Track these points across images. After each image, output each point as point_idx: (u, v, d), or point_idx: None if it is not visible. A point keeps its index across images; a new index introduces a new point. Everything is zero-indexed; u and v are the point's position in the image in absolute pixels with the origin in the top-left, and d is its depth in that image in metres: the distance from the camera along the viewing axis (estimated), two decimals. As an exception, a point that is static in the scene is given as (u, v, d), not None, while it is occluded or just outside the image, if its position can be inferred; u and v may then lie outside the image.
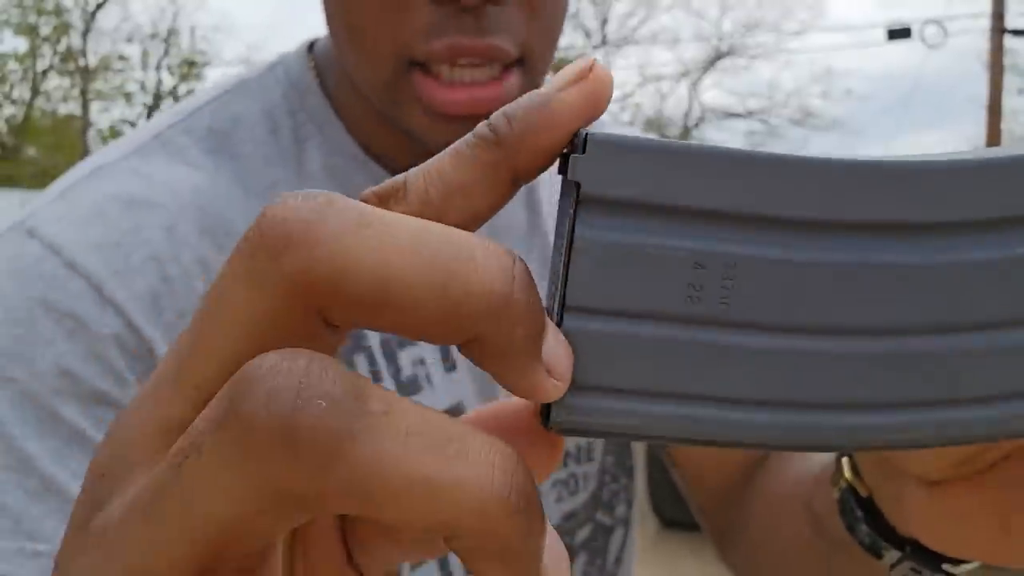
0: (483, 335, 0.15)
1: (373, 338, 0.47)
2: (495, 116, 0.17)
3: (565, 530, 0.58)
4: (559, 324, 0.16)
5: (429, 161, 0.17)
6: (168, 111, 0.48)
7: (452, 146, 0.17)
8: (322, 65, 0.49)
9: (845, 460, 0.34)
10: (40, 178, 13.74)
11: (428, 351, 0.49)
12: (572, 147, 0.16)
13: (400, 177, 0.17)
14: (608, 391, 0.16)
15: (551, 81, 0.17)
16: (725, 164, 0.16)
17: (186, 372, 0.15)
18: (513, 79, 0.42)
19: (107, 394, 0.38)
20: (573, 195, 0.16)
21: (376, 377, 0.47)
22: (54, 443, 0.37)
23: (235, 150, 0.46)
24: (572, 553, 0.58)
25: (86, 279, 0.39)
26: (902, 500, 0.30)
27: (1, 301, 0.39)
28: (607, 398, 0.16)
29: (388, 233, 0.14)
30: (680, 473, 0.62)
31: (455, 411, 0.50)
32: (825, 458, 0.41)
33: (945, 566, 0.32)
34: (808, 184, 0.16)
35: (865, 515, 0.33)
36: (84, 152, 14.73)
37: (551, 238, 0.52)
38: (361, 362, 0.46)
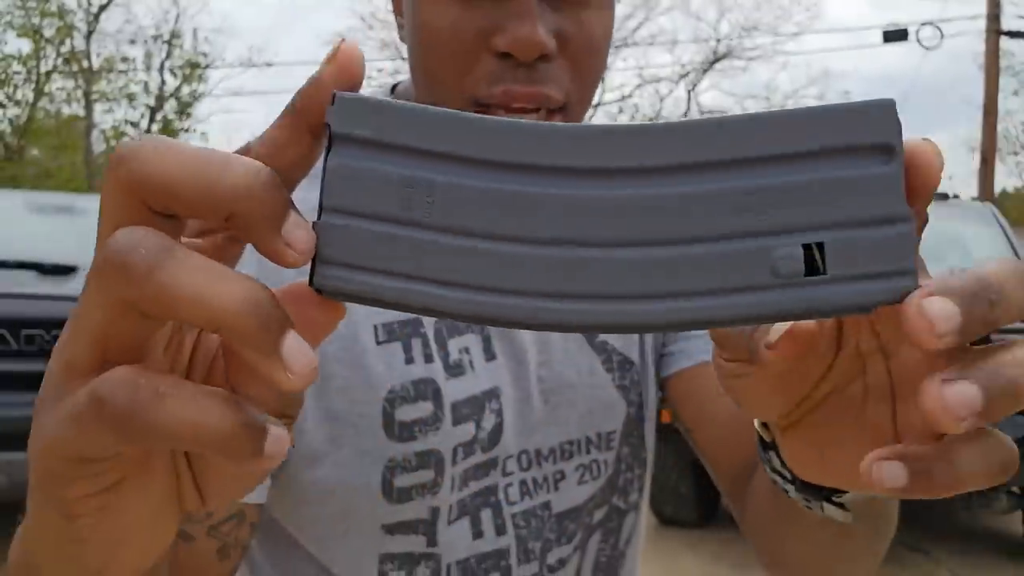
0: (234, 212, 0.23)
1: (428, 327, 0.57)
2: (295, 94, 0.26)
3: (586, 510, 0.64)
4: (319, 219, 0.24)
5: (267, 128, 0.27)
6: None
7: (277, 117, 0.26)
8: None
9: None
10: (43, 179, 13.76)
11: (472, 342, 0.58)
12: (331, 103, 0.25)
13: (247, 143, 0.27)
14: (352, 267, 0.24)
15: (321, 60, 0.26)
16: (434, 119, 0.24)
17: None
18: (553, 120, 0.51)
19: None
20: (328, 134, 0.25)
21: (428, 358, 0.57)
22: None
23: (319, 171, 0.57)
24: (590, 532, 0.65)
25: None
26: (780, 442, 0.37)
27: None
28: (351, 272, 0.24)
29: (177, 152, 0.24)
30: (704, 461, 0.66)
31: (492, 394, 0.59)
32: None
33: (834, 498, 0.39)
34: (497, 137, 0.24)
35: (771, 459, 0.40)
36: (87, 153, 14.76)
37: None
38: (417, 345, 0.56)
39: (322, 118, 0.25)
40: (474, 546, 0.60)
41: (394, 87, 0.63)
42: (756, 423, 0.39)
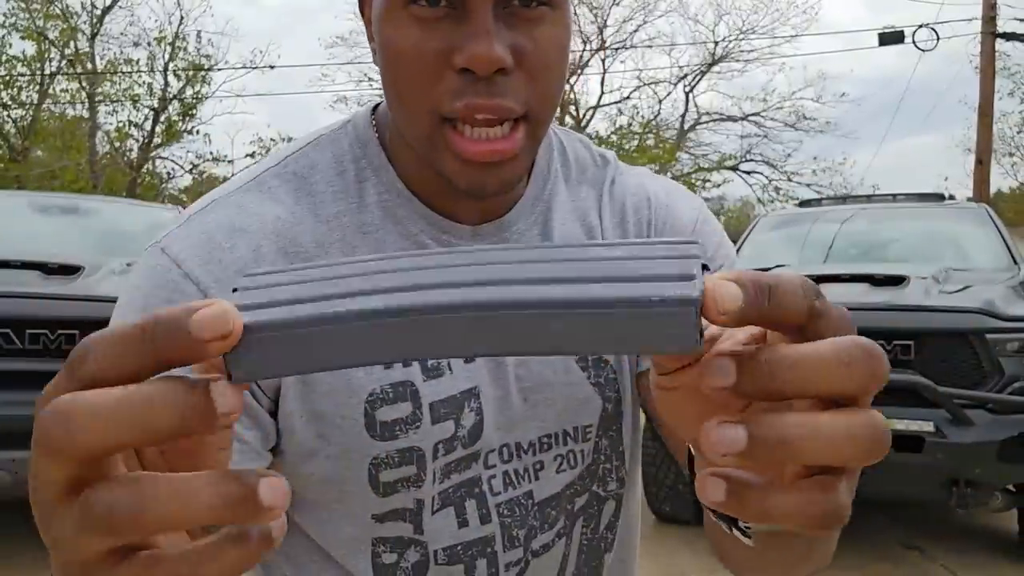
0: (175, 435, 0.26)
1: None
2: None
3: (567, 497, 0.69)
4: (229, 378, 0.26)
5: None
6: (268, 157, 0.66)
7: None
8: (381, 124, 0.65)
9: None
10: (48, 180, 13.81)
11: None
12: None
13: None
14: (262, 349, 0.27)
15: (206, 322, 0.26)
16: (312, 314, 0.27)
17: None
18: (520, 133, 0.56)
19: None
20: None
21: (406, 362, 0.60)
22: None
23: (311, 188, 0.62)
24: (572, 518, 0.69)
25: (196, 284, 0.57)
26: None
27: (143, 295, 0.58)
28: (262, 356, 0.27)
29: (100, 415, 0.25)
30: (674, 454, 0.68)
31: (471, 393, 0.63)
32: None
33: (740, 524, 0.41)
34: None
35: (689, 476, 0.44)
36: (91, 154, 14.82)
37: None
38: None
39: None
40: (460, 534, 0.65)
41: (375, 107, 0.67)
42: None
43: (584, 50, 18.32)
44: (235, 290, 0.29)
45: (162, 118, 15.19)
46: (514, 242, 0.65)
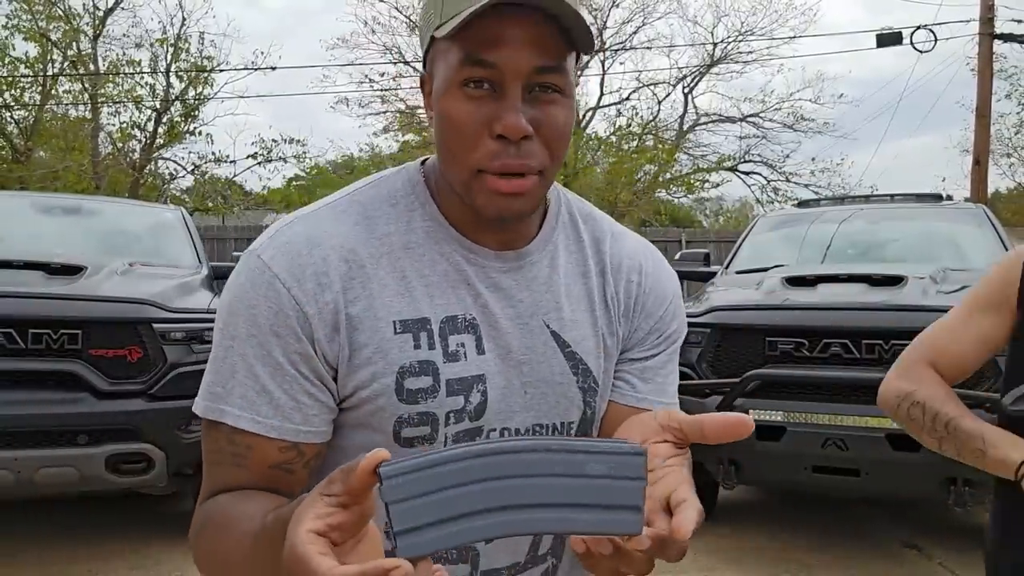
0: None
1: (434, 325, 0.79)
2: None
3: None
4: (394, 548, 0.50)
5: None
6: (341, 190, 0.86)
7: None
8: (428, 172, 0.86)
9: None
10: (50, 180, 13.85)
11: (468, 339, 0.81)
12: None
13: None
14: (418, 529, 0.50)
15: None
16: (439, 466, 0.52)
17: None
18: (532, 179, 0.75)
19: (293, 343, 0.76)
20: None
21: (431, 347, 0.79)
22: (269, 369, 0.76)
23: (369, 214, 0.82)
24: None
25: (283, 283, 0.76)
26: None
27: (243, 294, 0.77)
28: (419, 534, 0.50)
29: None
30: None
31: (480, 378, 0.81)
32: None
33: None
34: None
35: None
36: (94, 155, 14.85)
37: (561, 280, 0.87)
38: (423, 337, 0.78)
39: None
40: None
41: (423, 161, 0.87)
42: None
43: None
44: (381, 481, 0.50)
45: (164, 119, 15.19)
46: (527, 270, 0.85)
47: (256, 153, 15.43)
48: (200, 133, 15.30)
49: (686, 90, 19.08)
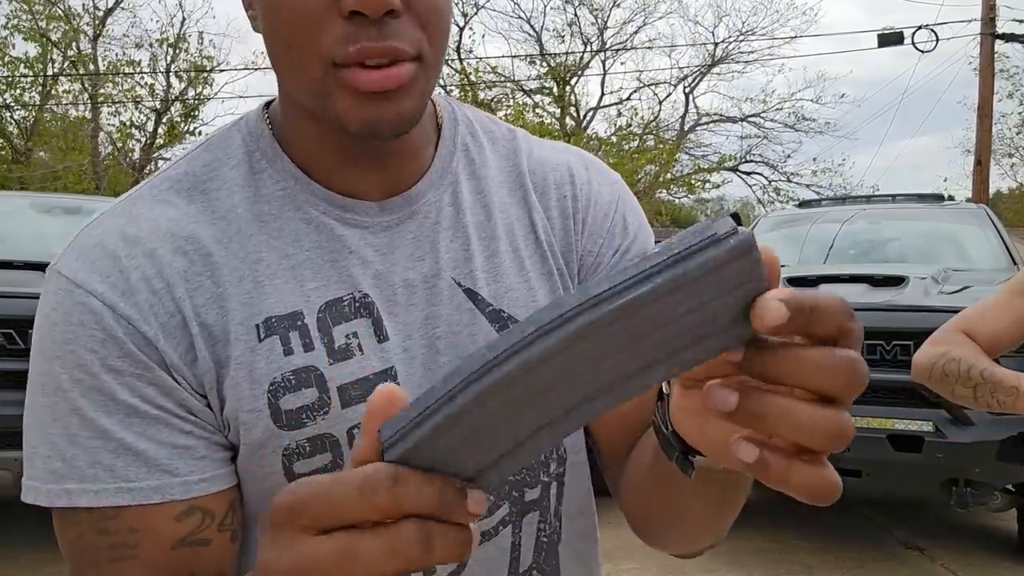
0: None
1: (310, 317, 0.59)
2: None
3: (509, 483, 0.65)
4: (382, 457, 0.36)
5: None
6: (158, 170, 0.66)
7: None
8: (273, 116, 0.65)
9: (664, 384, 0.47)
10: (50, 180, 13.84)
11: (361, 325, 0.60)
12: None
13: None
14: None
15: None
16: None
17: None
18: (407, 67, 0.54)
19: (140, 375, 0.55)
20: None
21: (307, 347, 0.58)
22: (118, 417, 0.55)
23: (205, 187, 0.62)
24: (526, 510, 0.65)
25: (101, 300, 0.55)
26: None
27: (51, 329, 0.56)
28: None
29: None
30: (593, 439, 0.71)
31: (386, 374, 0.60)
32: None
33: (690, 456, 0.46)
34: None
35: (660, 407, 0.47)
36: (93, 155, 14.85)
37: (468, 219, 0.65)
38: (295, 336, 0.58)
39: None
40: None
41: (267, 105, 0.67)
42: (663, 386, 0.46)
43: (584, 51, 18.36)
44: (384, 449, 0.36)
45: (164, 119, 15.21)
46: (424, 215, 0.63)
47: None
48: (200, 133, 15.29)
49: (687, 90, 19.11)
